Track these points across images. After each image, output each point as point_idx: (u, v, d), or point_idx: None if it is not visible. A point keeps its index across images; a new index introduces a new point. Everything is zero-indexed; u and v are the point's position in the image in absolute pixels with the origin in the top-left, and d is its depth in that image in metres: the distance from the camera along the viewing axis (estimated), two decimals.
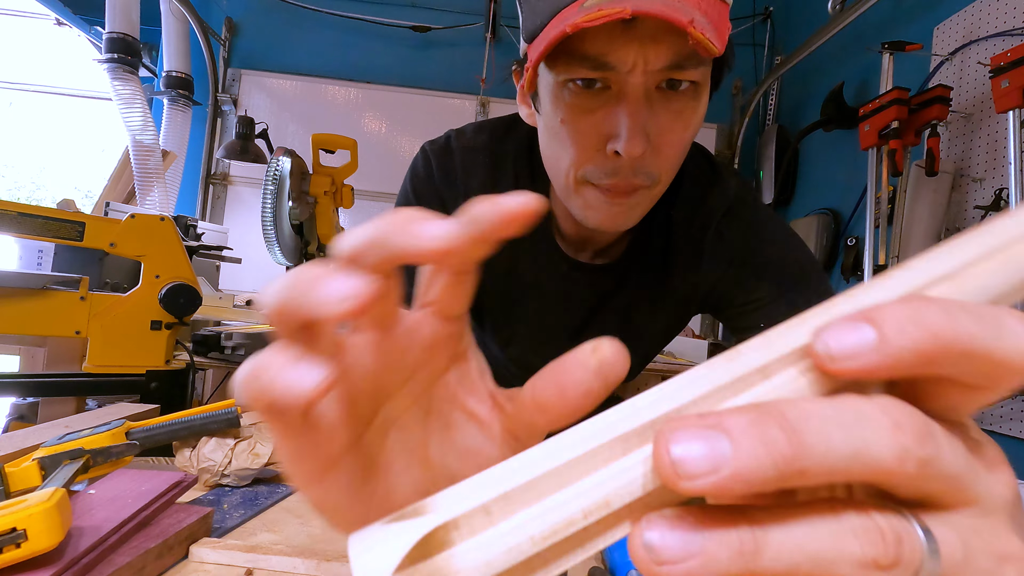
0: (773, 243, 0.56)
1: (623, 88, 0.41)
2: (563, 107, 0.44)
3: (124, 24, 1.72)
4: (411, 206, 0.61)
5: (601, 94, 0.42)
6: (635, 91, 0.41)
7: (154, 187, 1.82)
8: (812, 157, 2.26)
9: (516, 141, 0.58)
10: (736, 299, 0.57)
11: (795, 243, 0.57)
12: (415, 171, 0.60)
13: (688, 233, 0.57)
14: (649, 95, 0.41)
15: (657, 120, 0.42)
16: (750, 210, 0.57)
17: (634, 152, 0.41)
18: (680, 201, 0.56)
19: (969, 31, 1.45)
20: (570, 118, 0.44)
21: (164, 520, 0.35)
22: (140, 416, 0.58)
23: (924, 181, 1.39)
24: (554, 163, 0.48)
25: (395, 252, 0.15)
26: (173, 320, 1.01)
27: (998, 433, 1.28)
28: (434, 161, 0.58)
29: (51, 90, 3.48)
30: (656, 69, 0.40)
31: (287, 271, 0.17)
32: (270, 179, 1.19)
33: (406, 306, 0.19)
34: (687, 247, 0.57)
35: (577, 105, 0.43)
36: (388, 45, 2.63)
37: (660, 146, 0.43)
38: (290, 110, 2.62)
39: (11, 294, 0.91)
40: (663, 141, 0.43)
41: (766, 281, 0.55)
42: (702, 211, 0.56)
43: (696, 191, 0.57)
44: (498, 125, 0.60)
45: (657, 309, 0.62)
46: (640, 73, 0.40)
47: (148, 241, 0.99)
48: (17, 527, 0.26)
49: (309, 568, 0.33)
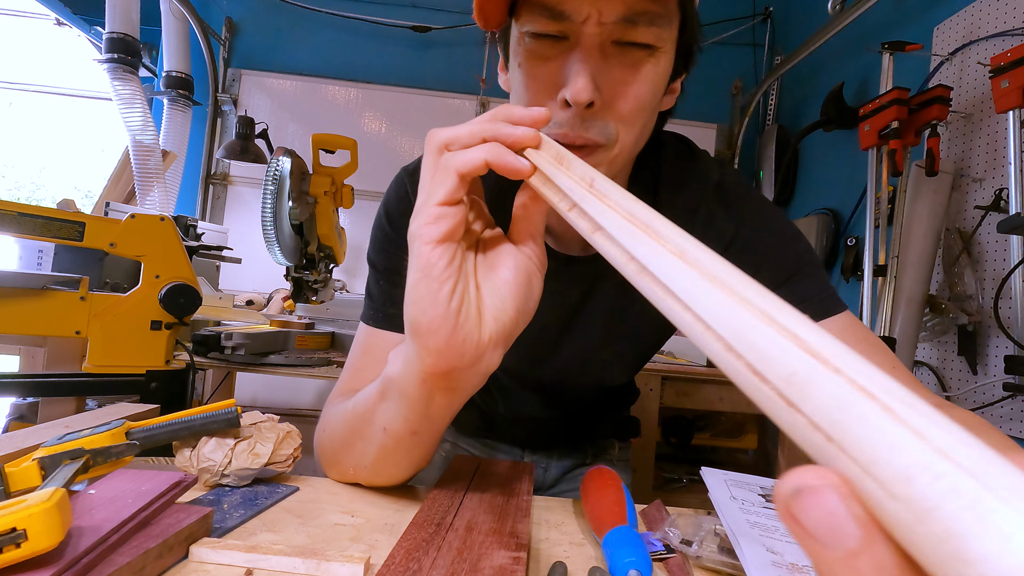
0: (768, 231, 0.54)
1: (578, 39, 0.42)
2: (522, 53, 0.44)
3: (124, 24, 1.72)
4: (386, 235, 0.60)
5: (558, 44, 0.43)
6: (589, 40, 0.41)
7: (154, 187, 1.82)
8: (812, 157, 2.26)
9: None
10: None
11: (790, 232, 0.55)
12: (388, 197, 0.59)
13: (673, 216, 0.55)
14: (604, 47, 0.42)
15: (610, 72, 0.42)
16: (741, 195, 0.56)
17: (580, 98, 0.41)
18: (662, 184, 0.56)
19: (969, 31, 1.45)
20: (526, 63, 0.44)
21: (164, 520, 0.34)
22: (140, 416, 0.58)
23: (924, 181, 1.39)
24: None
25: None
26: (173, 320, 1.01)
27: None
28: (407, 181, 0.58)
29: (51, 90, 3.48)
30: (609, 21, 0.41)
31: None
32: (270, 179, 1.19)
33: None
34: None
35: (534, 51, 0.44)
36: (388, 45, 2.63)
37: (612, 99, 0.43)
38: (290, 110, 2.62)
39: (11, 294, 0.91)
40: (616, 93, 0.43)
41: (762, 272, 0.53)
42: (685, 190, 0.55)
43: (676, 172, 0.56)
44: None
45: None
46: (594, 23, 0.41)
47: (148, 241, 0.99)
48: (17, 527, 0.26)
49: (309, 568, 0.33)
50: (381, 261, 0.58)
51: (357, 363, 0.56)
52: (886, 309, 1.41)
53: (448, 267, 0.33)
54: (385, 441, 0.42)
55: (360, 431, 0.44)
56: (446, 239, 0.32)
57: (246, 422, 0.48)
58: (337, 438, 0.47)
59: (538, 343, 0.62)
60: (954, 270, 1.39)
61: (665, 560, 0.40)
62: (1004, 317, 1.24)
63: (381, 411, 0.41)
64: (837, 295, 0.52)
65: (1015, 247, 1.20)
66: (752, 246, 0.54)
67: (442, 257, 0.32)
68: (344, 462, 0.47)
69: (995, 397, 1.27)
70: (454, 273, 0.33)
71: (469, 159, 0.31)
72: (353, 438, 0.45)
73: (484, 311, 0.35)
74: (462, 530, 0.38)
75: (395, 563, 0.32)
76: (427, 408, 0.38)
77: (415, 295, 0.33)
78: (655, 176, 0.56)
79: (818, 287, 0.52)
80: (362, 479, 0.48)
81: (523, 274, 0.35)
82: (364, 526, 0.41)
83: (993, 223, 1.28)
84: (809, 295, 0.51)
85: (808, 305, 0.51)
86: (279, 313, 1.81)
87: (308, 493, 0.47)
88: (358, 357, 0.57)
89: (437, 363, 0.34)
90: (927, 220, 1.39)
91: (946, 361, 1.42)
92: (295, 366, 1.26)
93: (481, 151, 0.31)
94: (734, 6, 2.57)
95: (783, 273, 0.53)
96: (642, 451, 1.60)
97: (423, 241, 0.33)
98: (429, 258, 0.32)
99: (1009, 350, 1.23)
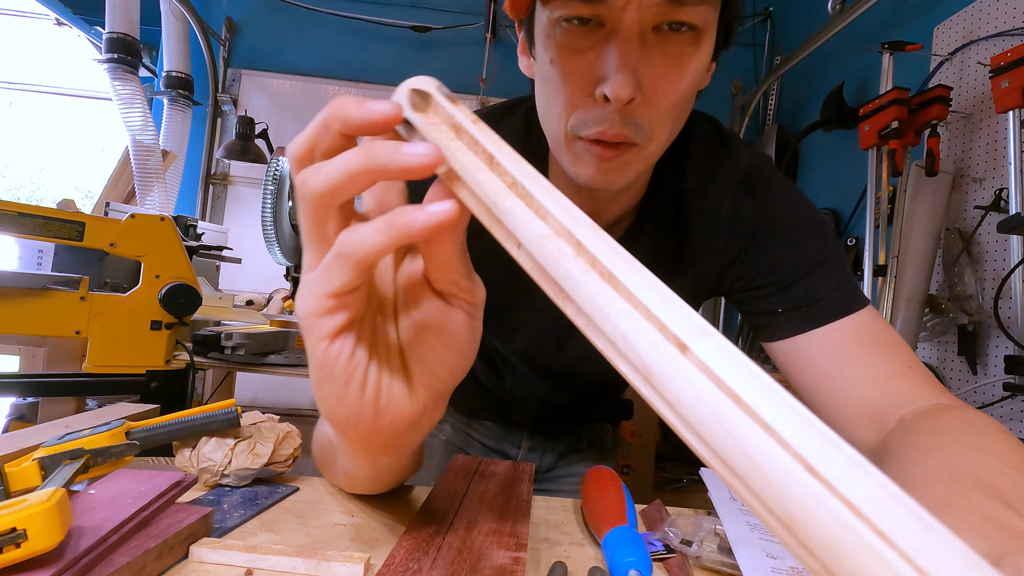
0: (793, 220, 0.52)
1: (616, 25, 0.38)
2: (553, 46, 0.41)
3: (124, 24, 1.72)
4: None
5: (593, 33, 0.39)
6: (628, 28, 0.38)
7: (154, 187, 1.82)
8: (812, 157, 2.26)
9: (512, 124, 0.56)
10: (754, 280, 0.53)
11: (815, 222, 0.53)
12: None
13: (700, 206, 0.53)
14: (644, 35, 0.38)
15: (651, 64, 0.39)
16: (767, 184, 0.53)
17: (621, 94, 0.38)
18: (689, 171, 0.53)
19: (969, 31, 1.45)
20: (560, 58, 0.41)
21: (164, 520, 0.35)
22: (140, 416, 0.58)
23: (924, 181, 1.39)
24: (545, 113, 0.45)
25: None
26: (173, 320, 1.01)
27: None
28: None
29: (51, 90, 3.48)
30: (652, 2, 0.37)
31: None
32: (270, 179, 1.20)
33: None
34: (700, 222, 0.53)
35: (567, 44, 0.40)
36: (388, 45, 2.63)
37: (653, 95, 0.40)
38: (290, 110, 2.62)
39: (11, 294, 0.91)
40: (656, 88, 0.40)
41: (783, 264, 0.51)
42: (714, 182, 0.53)
43: (705, 160, 0.53)
44: (493, 112, 0.57)
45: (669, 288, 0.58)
46: (635, 8, 0.37)
47: (148, 241, 0.99)
48: (17, 527, 0.26)
49: (309, 568, 0.33)
50: None
51: None
52: (886, 309, 1.41)
53: (351, 361, 0.26)
54: (349, 480, 0.42)
55: (327, 462, 0.44)
56: (342, 331, 0.26)
57: (246, 422, 0.48)
58: (316, 455, 0.47)
59: (553, 332, 0.61)
60: (954, 270, 1.39)
61: (665, 560, 0.40)
62: (1004, 317, 1.24)
63: (338, 457, 0.40)
64: (859, 290, 0.50)
65: (1015, 247, 1.20)
66: (774, 237, 0.52)
67: (342, 351, 0.26)
68: (327, 475, 0.47)
69: (995, 397, 1.27)
70: (360, 363, 0.27)
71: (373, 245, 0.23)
72: (325, 463, 0.45)
73: (413, 381, 0.29)
74: (462, 530, 0.38)
75: (395, 563, 0.32)
76: (376, 466, 0.38)
77: (320, 393, 0.27)
78: (682, 163, 0.53)
79: (838, 283, 0.50)
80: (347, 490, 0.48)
81: (455, 326, 0.28)
82: (364, 526, 0.41)
83: (993, 223, 1.28)
84: (828, 291, 0.50)
85: (827, 302, 0.49)
86: (279, 313, 1.81)
87: (308, 493, 0.47)
88: None
89: (368, 447, 0.30)
90: (927, 220, 1.39)
91: (946, 361, 1.42)
92: (295, 366, 1.26)
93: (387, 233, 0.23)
94: None
95: (803, 268, 0.51)
96: (642, 451, 1.60)
97: (315, 336, 0.26)
98: (326, 356, 0.26)
99: (1009, 350, 1.22)
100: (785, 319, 0.51)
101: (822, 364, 0.49)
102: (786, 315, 0.51)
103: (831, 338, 0.49)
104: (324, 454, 0.43)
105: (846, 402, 0.47)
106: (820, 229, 0.52)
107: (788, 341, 0.51)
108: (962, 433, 0.38)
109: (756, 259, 0.53)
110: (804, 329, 0.50)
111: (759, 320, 0.54)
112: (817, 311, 0.49)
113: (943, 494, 0.32)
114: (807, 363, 0.50)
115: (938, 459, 0.36)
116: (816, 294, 0.50)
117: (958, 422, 0.40)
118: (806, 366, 0.50)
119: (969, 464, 0.34)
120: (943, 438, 0.38)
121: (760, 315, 0.53)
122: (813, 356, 0.49)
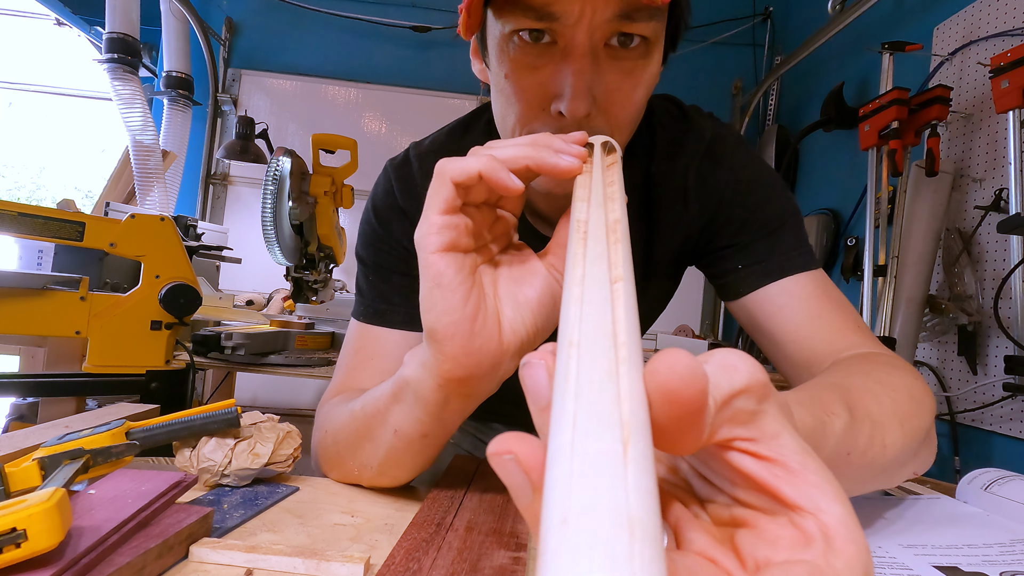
0: (756, 184, 0.55)
1: (569, 44, 0.39)
2: (507, 61, 0.42)
3: (124, 24, 1.72)
4: (373, 229, 0.60)
5: (547, 51, 0.41)
6: (581, 47, 0.39)
7: (154, 187, 1.82)
8: (812, 157, 2.26)
9: (476, 134, 0.58)
10: (720, 242, 0.56)
11: (776, 185, 0.56)
12: (375, 192, 0.59)
13: (670, 184, 0.56)
14: (596, 52, 0.40)
15: (604, 79, 0.41)
16: (731, 150, 0.55)
17: (577, 112, 0.39)
18: (657, 153, 0.55)
19: (969, 31, 1.45)
20: (514, 74, 0.42)
21: (164, 520, 0.34)
22: (140, 416, 0.58)
23: (924, 181, 1.39)
24: (501, 121, 0.47)
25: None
26: (173, 320, 1.01)
27: (998, 433, 1.28)
28: (393, 176, 0.57)
29: (51, 90, 3.48)
30: (603, 20, 0.38)
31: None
32: (270, 179, 1.19)
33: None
34: (671, 199, 0.56)
35: (521, 60, 0.41)
36: (388, 45, 2.63)
37: (608, 107, 0.42)
38: (290, 110, 2.62)
39: (11, 294, 0.91)
40: (611, 101, 0.42)
41: (748, 225, 0.54)
42: (682, 158, 0.55)
43: (671, 139, 0.55)
44: (456, 126, 0.60)
45: (649, 275, 0.60)
46: (586, 25, 0.38)
47: (148, 241, 0.99)
48: (17, 527, 0.26)
49: (309, 568, 0.33)
50: (369, 256, 0.58)
51: (350, 362, 0.56)
52: (886, 309, 1.41)
53: (458, 274, 0.32)
54: (395, 443, 0.42)
55: (368, 433, 0.44)
56: (450, 248, 0.32)
57: (246, 422, 0.48)
58: (342, 439, 0.47)
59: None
60: (954, 270, 1.39)
61: None
62: (1004, 317, 1.24)
63: (394, 413, 0.41)
64: (812, 252, 0.54)
65: (1015, 247, 1.20)
66: (740, 200, 0.54)
67: (450, 265, 0.32)
68: (348, 463, 0.47)
69: (995, 397, 1.27)
70: (466, 280, 0.32)
71: (462, 168, 0.30)
72: (360, 440, 0.45)
73: (503, 321, 0.34)
74: (462, 530, 0.38)
75: (395, 563, 0.32)
76: (441, 412, 0.38)
77: (428, 303, 0.33)
78: (649, 147, 0.55)
79: (797, 242, 0.53)
80: (365, 480, 0.48)
81: (548, 295, 0.34)
82: (364, 526, 0.41)
83: (993, 223, 1.28)
84: (788, 249, 0.53)
85: (787, 258, 0.52)
86: (279, 313, 1.81)
87: (308, 493, 0.47)
88: (351, 356, 0.57)
89: (454, 369, 0.34)
90: (927, 220, 1.40)
91: (946, 361, 1.42)
92: (295, 366, 1.26)
93: (476, 162, 0.30)
94: (734, 6, 2.57)
95: (766, 228, 0.54)
96: None
97: (428, 251, 0.32)
98: (437, 267, 0.32)
99: (1009, 350, 1.22)
100: (745, 274, 0.54)
101: (781, 315, 0.52)
102: (746, 271, 0.54)
103: (790, 291, 0.52)
104: (367, 421, 0.44)
105: (799, 352, 0.50)
106: (783, 192, 0.56)
107: (749, 296, 0.54)
108: (873, 367, 0.43)
109: (723, 223, 0.55)
110: (764, 283, 0.52)
111: (723, 280, 0.56)
112: (776, 266, 0.52)
113: (815, 386, 0.39)
114: (766, 315, 0.53)
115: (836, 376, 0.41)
116: (775, 251, 0.53)
117: (876, 363, 0.44)
118: (765, 318, 0.53)
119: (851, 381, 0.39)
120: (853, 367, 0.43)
121: (723, 275, 0.56)
122: (772, 308, 0.52)
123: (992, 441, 1.32)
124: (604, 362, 0.14)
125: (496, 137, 0.54)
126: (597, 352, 0.14)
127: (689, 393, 0.13)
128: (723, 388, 0.15)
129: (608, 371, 0.14)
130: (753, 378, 0.15)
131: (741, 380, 0.15)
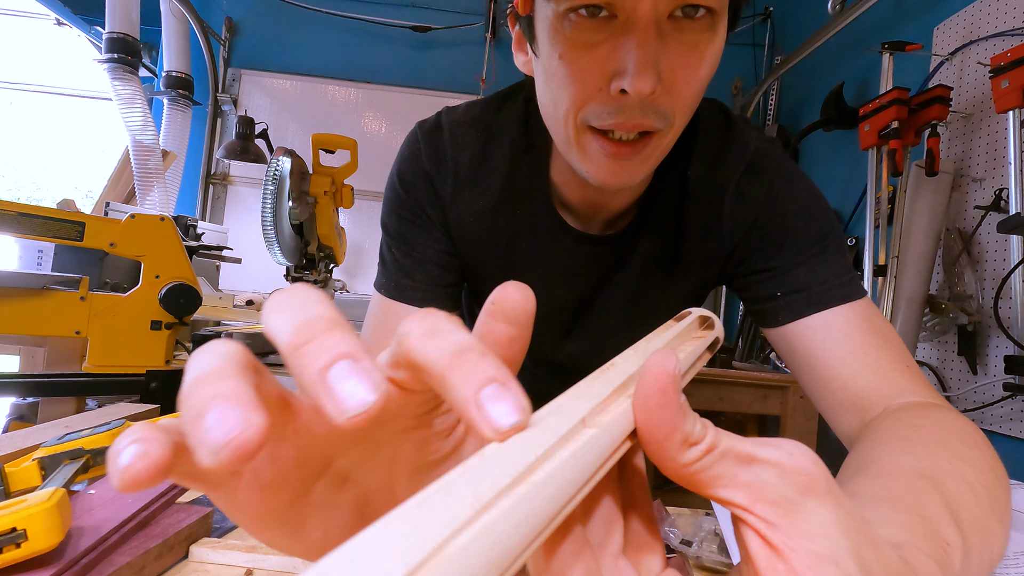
0: (797, 204, 0.51)
1: (630, 17, 0.36)
2: (562, 41, 0.39)
3: (124, 24, 1.72)
4: (397, 196, 0.56)
5: (605, 25, 0.38)
6: (644, 19, 0.36)
7: (154, 187, 1.82)
8: (812, 157, 2.26)
9: (512, 111, 0.55)
10: (756, 264, 0.52)
11: (819, 206, 0.51)
12: (402, 152, 0.56)
13: (706, 194, 0.52)
14: (660, 25, 0.37)
15: (669, 54, 0.38)
16: (773, 166, 0.52)
17: (643, 89, 0.36)
18: (696, 159, 0.52)
19: (969, 31, 1.45)
20: (570, 53, 0.39)
21: (164, 520, 0.35)
22: (140, 416, 0.58)
23: (924, 181, 1.39)
24: (552, 110, 0.44)
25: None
26: (173, 320, 1.01)
27: (998, 433, 1.28)
28: (422, 139, 0.55)
29: (51, 90, 3.48)
30: None
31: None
32: (270, 179, 1.19)
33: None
34: (705, 209, 0.53)
35: (578, 38, 0.38)
36: (388, 45, 2.63)
37: (673, 84, 0.39)
38: (290, 110, 2.62)
39: (11, 294, 0.91)
40: (676, 78, 0.38)
41: (786, 248, 0.50)
42: (721, 169, 0.52)
43: (713, 147, 0.52)
44: (492, 98, 0.57)
45: (671, 280, 0.57)
46: None
47: (148, 241, 0.99)
48: (17, 527, 0.26)
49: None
50: (392, 224, 0.56)
51: (372, 337, 0.55)
52: (886, 309, 1.41)
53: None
54: None
55: None
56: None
57: None
58: None
59: (552, 325, 0.61)
60: (954, 270, 1.39)
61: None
62: (1004, 317, 1.24)
63: None
64: (859, 280, 0.50)
65: (1015, 247, 1.20)
66: (778, 220, 0.51)
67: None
68: None
69: (995, 397, 1.27)
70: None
71: None
72: None
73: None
74: None
75: None
76: None
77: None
78: (688, 150, 0.52)
79: (840, 269, 0.49)
80: None
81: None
82: None
83: (993, 223, 1.28)
84: (830, 276, 0.49)
85: (829, 287, 0.48)
86: None
87: None
88: (372, 331, 0.56)
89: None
90: (927, 220, 1.39)
91: (946, 361, 1.42)
92: None
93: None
94: None
95: (806, 252, 0.50)
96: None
97: None
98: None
99: (1009, 350, 1.22)
100: (785, 303, 0.50)
101: (823, 350, 0.47)
102: (786, 299, 0.50)
103: (833, 324, 0.47)
104: None
105: (842, 390, 0.46)
106: (824, 213, 0.51)
107: (789, 326, 0.49)
108: (949, 436, 0.38)
109: (759, 243, 0.52)
110: (805, 313, 0.48)
111: (760, 306, 0.52)
112: (818, 295, 0.48)
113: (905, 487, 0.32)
114: (806, 348, 0.49)
115: (916, 455, 0.35)
116: (818, 278, 0.49)
117: (946, 424, 0.40)
118: (805, 351, 0.49)
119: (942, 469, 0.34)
120: (928, 437, 0.38)
121: (761, 300, 0.52)
122: (814, 342, 0.48)
123: (992, 441, 1.31)
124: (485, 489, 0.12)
125: (533, 119, 0.52)
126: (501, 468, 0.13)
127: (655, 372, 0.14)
128: (738, 446, 0.14)
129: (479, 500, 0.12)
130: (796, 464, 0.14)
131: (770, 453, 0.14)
